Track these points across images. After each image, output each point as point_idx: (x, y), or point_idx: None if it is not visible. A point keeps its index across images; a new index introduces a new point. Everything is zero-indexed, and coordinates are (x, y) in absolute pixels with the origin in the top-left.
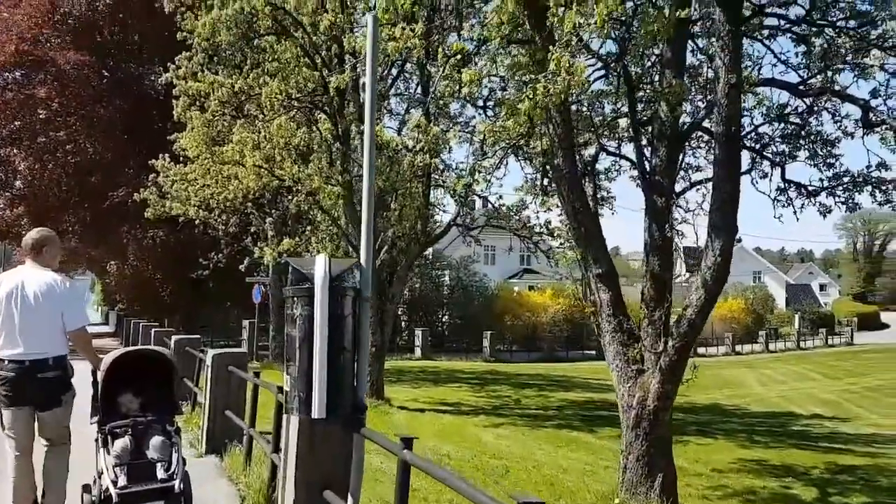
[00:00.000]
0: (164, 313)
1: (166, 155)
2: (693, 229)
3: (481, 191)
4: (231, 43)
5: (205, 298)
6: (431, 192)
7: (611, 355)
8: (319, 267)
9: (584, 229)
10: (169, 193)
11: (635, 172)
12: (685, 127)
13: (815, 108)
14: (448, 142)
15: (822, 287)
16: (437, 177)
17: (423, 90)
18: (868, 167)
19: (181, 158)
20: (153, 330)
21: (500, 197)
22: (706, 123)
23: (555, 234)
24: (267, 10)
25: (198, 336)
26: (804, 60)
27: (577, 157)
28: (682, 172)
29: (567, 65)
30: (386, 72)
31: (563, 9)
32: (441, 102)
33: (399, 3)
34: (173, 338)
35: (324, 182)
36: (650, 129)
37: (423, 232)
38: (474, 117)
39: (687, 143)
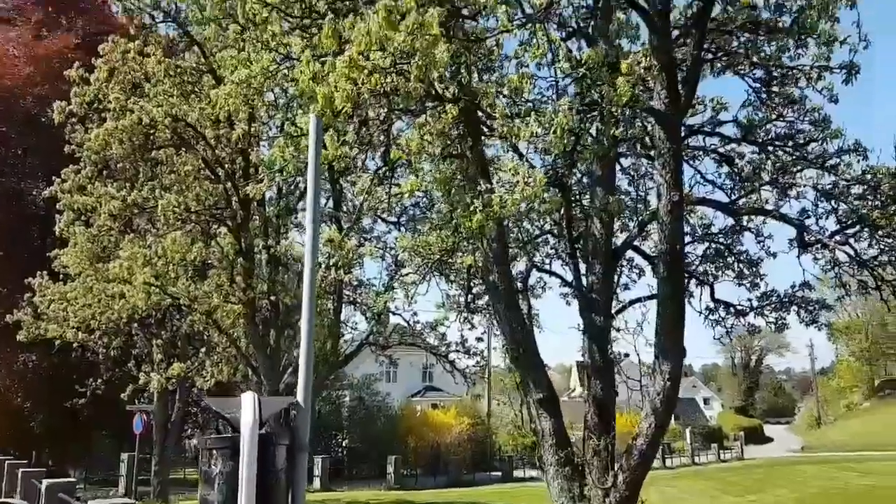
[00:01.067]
0: (35, 447)
1: (44, 273)
2: (634, 349)
3: (396, 308)
4: (124, 156)
5: (80, 429)
6: (343, 308)
7: (555, 491)
8: (247, 410)
9: (522, 349)
10: (45, 314)
11: (564, 290)
12: (618, 245)
13: (740, 228)
14: (362, 257)
15: (705, 401)
16: (349, 293)
17: (336, 204)
18: (793, 286)
19: (61, 276)
20: (20, 470)
21: (415, 314)
22: (638, 242)
23: (471, 353)
24: (167, 121)
25: (73, 480)
26: (729, 182)
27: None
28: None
29: (526, 175)
30: (293, 185)
31: (518, 119)
32: (355, 216)
33: (338, 105)
34: (44, 482)
35: (223, 300)
36: (583, 246)
37: (334, 352)
38: (388, 232)
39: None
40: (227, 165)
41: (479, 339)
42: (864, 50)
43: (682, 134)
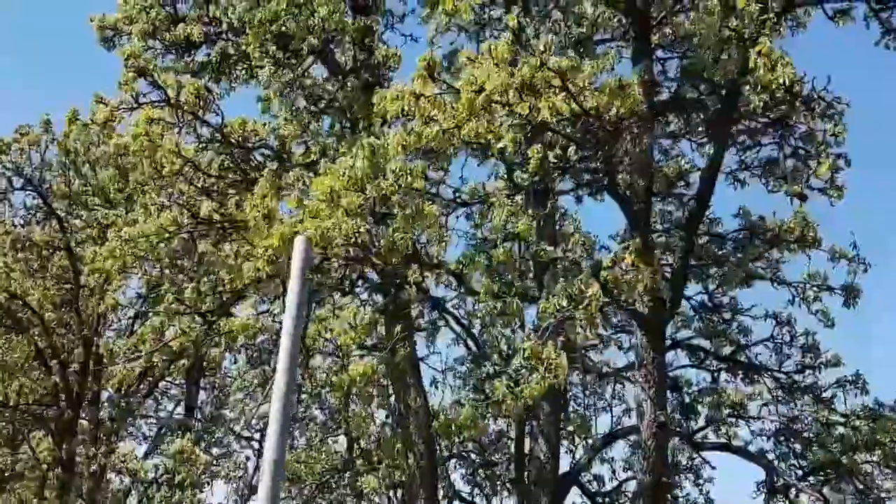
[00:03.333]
0: None
1: None
2: None
3: None
4: None
5: None
6: None
7: None
8: None
9: None
10: None
11: None
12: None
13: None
14: (218, 475)
15: None
16: None
17: (188, 409)
18: None
19: None
20: None
21: None
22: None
23: None
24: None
25: None
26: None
27: None
28: None
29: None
30: (134, 387)
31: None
32: (210, 426)
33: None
34: None
35: None
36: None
37: None
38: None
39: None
40: (62, 355)
41: None
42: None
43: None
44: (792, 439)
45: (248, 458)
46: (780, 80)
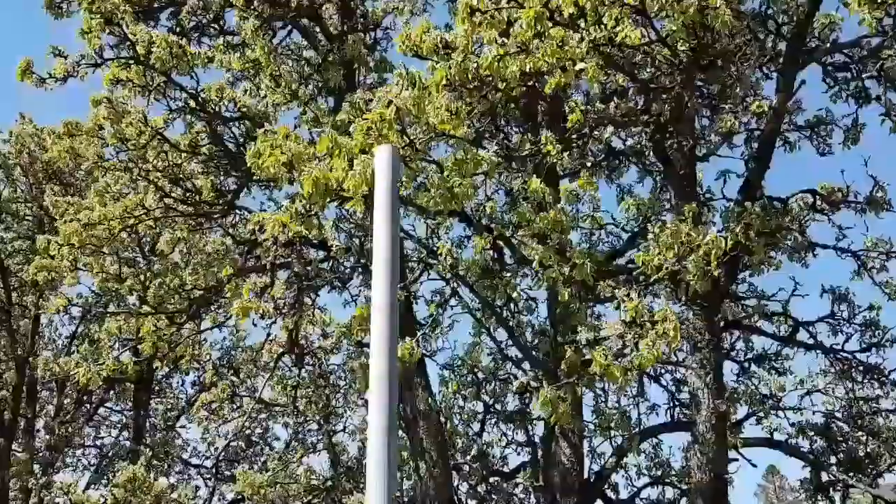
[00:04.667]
0: None
1: None
2: None
3: None
4: None
5: None
6: None
7: None
8: None
9: None
10: None
11: None
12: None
13: None
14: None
15: None
16: None
17: (137, 432)
18: None
19: None
20: None
21: None
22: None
23: None
24: None
25: None
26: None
27: None
28: None
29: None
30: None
31: None
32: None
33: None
34: None
35: None
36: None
37: None
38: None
39: None
40: None
41: None
42: None
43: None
44: (846, 428)
45: (198, 488)
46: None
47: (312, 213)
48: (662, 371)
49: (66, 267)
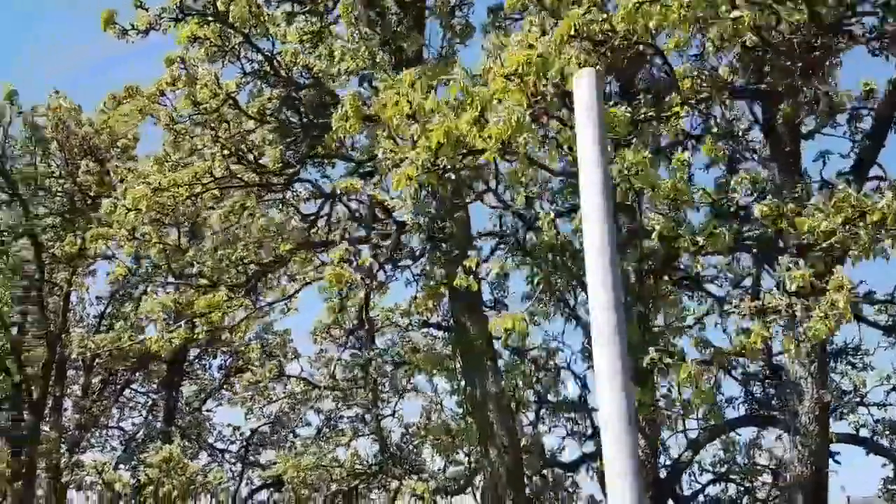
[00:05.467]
0: None
1: None
2: None
3: None
4: None
5: None
6: None
7: None
8: None
9: None
10: None
11: None
12: None
13: None
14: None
15: None
16: None
17: (168, 414)
18: None
19: None
20: None
21: None
22: None
23: None
24: None
25: None
26: None
27: None
28: None
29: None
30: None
31: None
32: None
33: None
34: None
35: None
36: None
37: None
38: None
39: None
40: (23, 356)
41: None
42: None
43: None
44: None
45: (234, 471)
46: None
47: (440, 167)
48: (735, 363)
49: (124, 236)
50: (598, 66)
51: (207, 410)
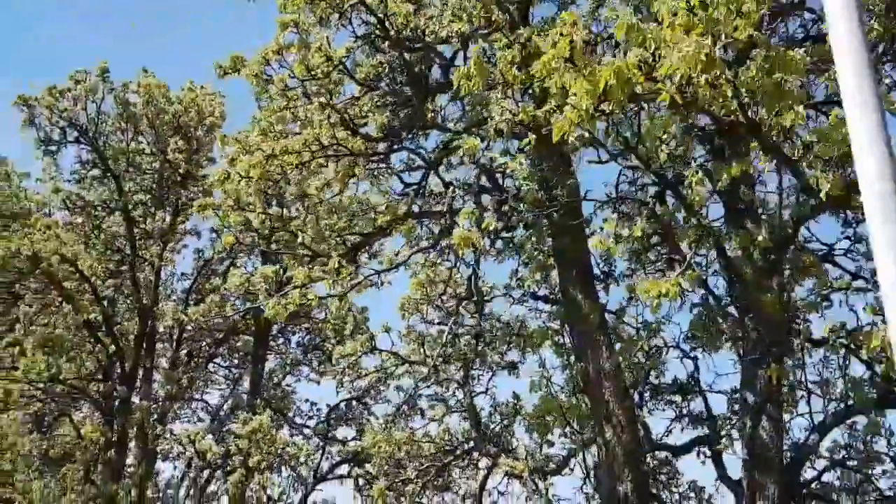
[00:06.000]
0: None
1: None
2: None
3: None
4: None
5: None
6: None
7: None
8: None
9: None
10: None
11: None
12: None
13: None
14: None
15: None
16: None
17: (254, 386)
18: None
19: None
20: None
21: None
22: None
23: None
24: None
25: None
26: None
27: None
28: None
29: None
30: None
31: None
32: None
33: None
34: None
35: None
36: None
37: None
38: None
39: None
40: (115, 327)
41: None
42: None
43: None
44: None
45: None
46: None
47: (604, 112)
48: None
49: (230, 206)
50: None
51: (287, 385)
